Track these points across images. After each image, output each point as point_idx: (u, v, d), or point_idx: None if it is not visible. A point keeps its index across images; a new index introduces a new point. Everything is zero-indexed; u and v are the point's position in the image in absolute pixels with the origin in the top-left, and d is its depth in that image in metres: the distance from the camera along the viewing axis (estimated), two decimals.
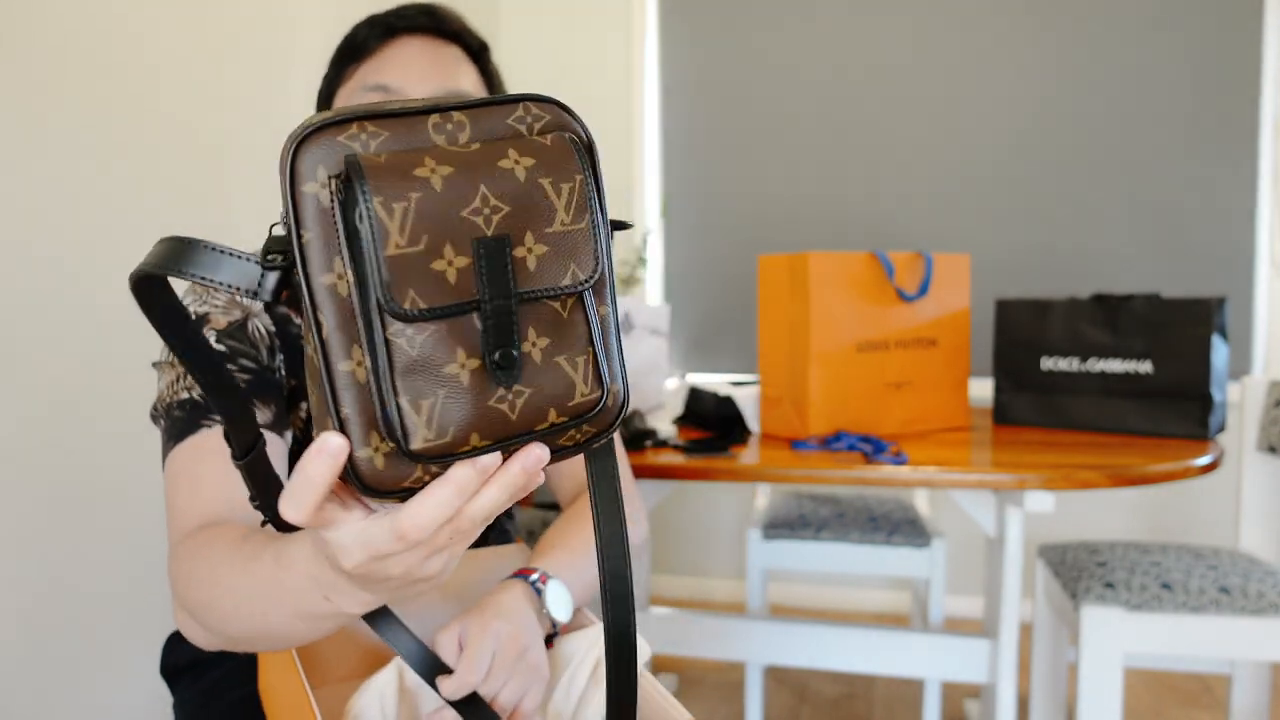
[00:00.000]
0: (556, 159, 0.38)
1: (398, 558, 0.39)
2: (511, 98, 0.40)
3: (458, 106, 0.38)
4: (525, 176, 0.37)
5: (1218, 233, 2.41)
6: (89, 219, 1.29)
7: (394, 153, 0.36)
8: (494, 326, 0.37)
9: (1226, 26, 2.38)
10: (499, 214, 0.37)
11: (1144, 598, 1.37)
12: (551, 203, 0.38)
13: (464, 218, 0.36)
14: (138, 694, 1.38)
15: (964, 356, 1.56)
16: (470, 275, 0.36)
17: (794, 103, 2.66)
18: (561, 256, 0.38)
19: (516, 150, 0.38)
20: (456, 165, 0.36)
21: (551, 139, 0.39)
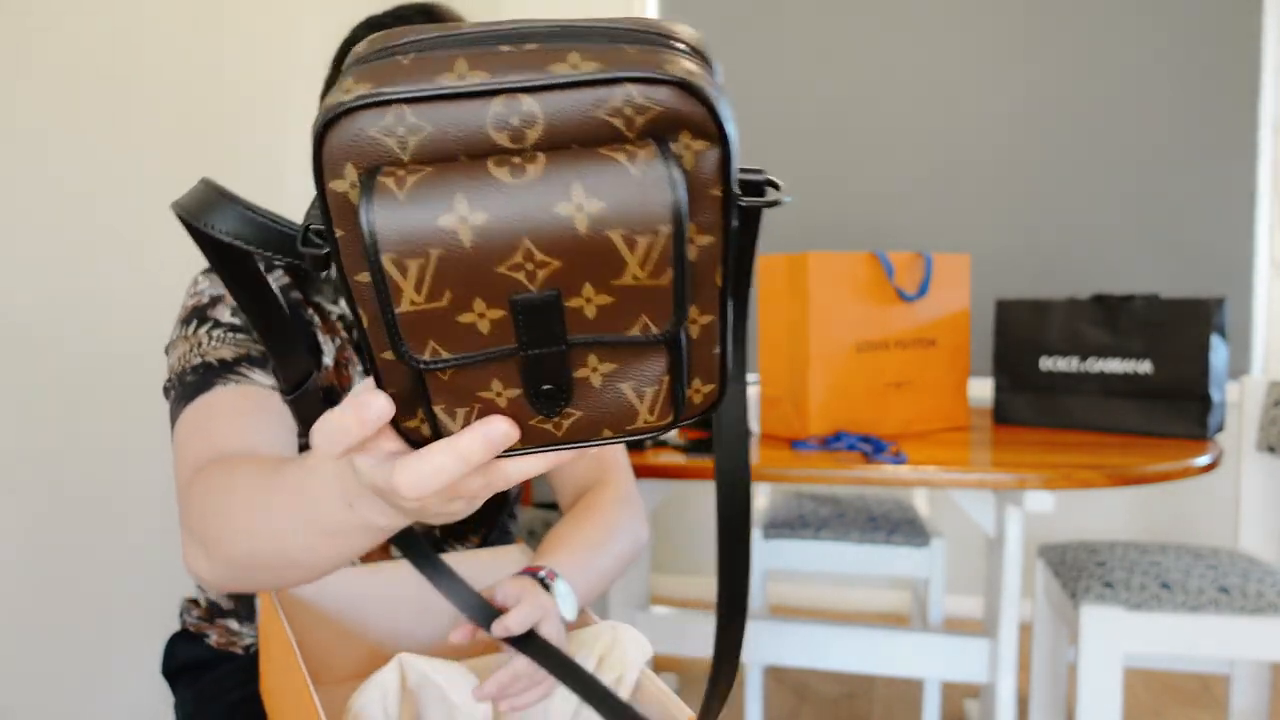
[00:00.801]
0: (638, 200, 0.29)
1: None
2: (607, 76, 0.29)
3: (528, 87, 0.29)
4: (588, 228, 0.29)
5: (1217, 233, 2.41)
6: (89, 219, 1.29)
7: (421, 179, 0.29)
8: (537, 370, 0.32)
9: (1225, 26, 2.38)
10: (546, 269, 0.30)
11: (1143, 597, 1.37)
12: (622, 258, 0.30)
13: (501, 273, 0.30)
14: (138, 694, 1.38)
15: (964, 356, 1.56)
16: (507, 327, 0.31)
17: (794, 103, 2.66)
18: (631, 308, 0.31)
19: (584, 187, 0.29)
20: (496, 210, 0.29)
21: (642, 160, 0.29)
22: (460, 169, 0.29)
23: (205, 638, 0.87)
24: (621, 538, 0.84)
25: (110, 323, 1.32)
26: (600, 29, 0.30)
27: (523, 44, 0.30)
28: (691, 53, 0.31)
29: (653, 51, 0.30)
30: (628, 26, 0.31)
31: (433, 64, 0.29)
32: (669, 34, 0.31)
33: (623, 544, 0.84)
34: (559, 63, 0.29)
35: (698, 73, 0.29)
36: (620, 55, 0.29)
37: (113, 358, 1.33)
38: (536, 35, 0.30)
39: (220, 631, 0.87)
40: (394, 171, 0.29)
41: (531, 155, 0.29)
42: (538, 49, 0.30)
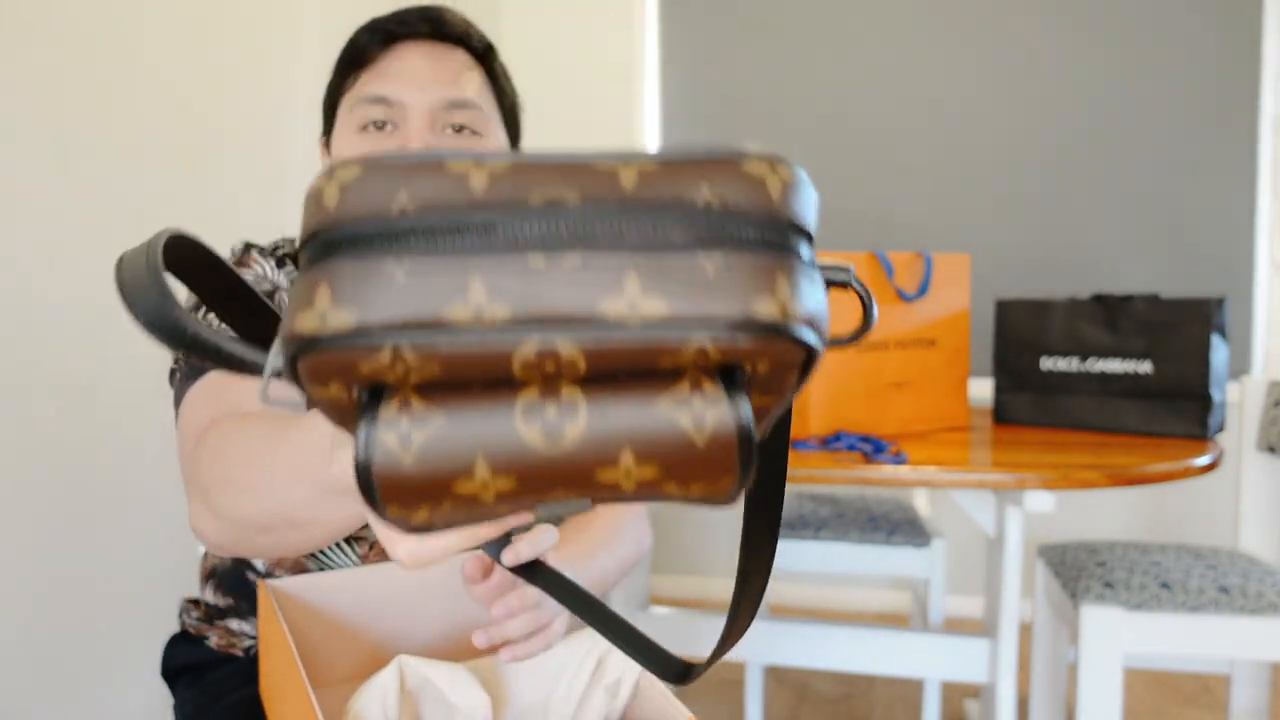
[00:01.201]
0: (698, 465, 0.24)
1: None
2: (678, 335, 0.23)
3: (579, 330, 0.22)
4: (635, 488, 0.25)
5: (1217, 232, 2.41)
6: (89, 218, 1.29)
7: (431, 439, 0.24)
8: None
9: (1226, 26, 2.38)
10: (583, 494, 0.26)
11: (1143, 597, 1.37)
12: (668, 493, 0.26)
13: (524, 503, 0.26)
14: (138, 695, 1.38)
15: (964, 356, 1.56)
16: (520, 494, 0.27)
17: (794, 103, 2.66)
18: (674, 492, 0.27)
19: (634, 454, 0.24)
20: (525, 474, 0.24)
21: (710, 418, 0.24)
22: (480, 421, 0.23)
23: (205, 640, 0.87)
24: (625, 541, 0.84)
25: (110, 322, 1.32)
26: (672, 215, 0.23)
27: (561, 253, 0.23)
28: (789, 235, 0.24)
29: (739, 270, 0.23)
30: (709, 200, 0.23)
31: (438, 286, 0.22)
32: (763, 209, 0.24)
33: (627, 547, 0.84)
34: (612, 294, 0.23)
35: (791, 298, 0.23)
36: (694, 281, 0.23)
37: (113, 358, 1.32)
38: (580, 243, 0.23)
39: (220, 633, 0.86)
40: (397, 409, 0.24)
41: (569, 404, 0.23)
42: (581, 267, 0.23)
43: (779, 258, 0.24)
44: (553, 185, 0.23)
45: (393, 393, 0.24)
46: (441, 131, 0.79)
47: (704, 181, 0.24)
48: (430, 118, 0.78)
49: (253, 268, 0.80)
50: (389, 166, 0.23)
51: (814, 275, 0.25)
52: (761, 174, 0.24)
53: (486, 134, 0.80)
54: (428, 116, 0.78)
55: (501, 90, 0.85)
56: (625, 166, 0.24)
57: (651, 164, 0.24)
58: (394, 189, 0.23)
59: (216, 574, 0.86)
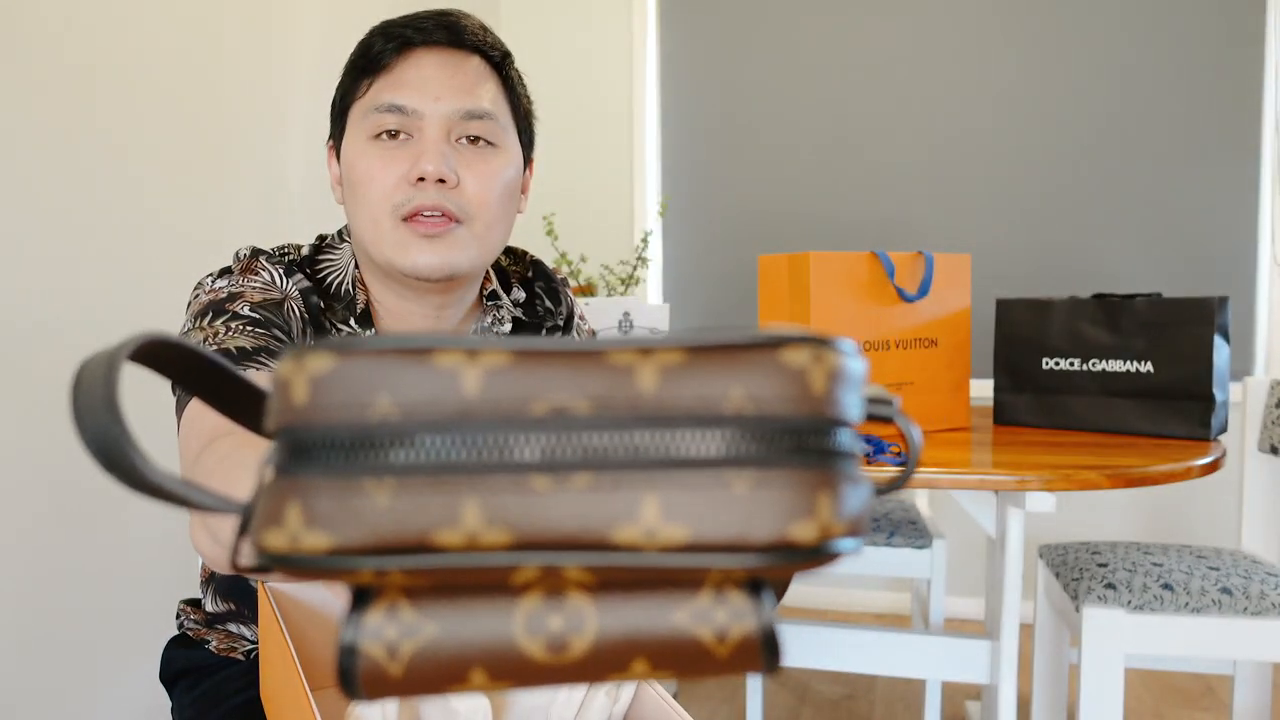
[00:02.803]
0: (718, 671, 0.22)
1: None
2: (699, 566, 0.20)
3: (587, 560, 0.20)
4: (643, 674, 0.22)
5: (1219, 232, 2.41)
6: (89, 218, 1.29)
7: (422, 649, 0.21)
8: None
9: (1228, 26, 2.38)
10: None
11: (1145, 598, 1.36)
12: None
13: None
14: (136, 700, 1.38)
15: (964, 357, 1.56)
16: None
17: (795, 103, 2.65)
18: None
19: (648, 662, 0.21)
20: (518, 685, 0.22)
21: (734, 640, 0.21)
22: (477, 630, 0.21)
23: (206, 643, 0.87)
24: None
25: (110, 323, 1.32)
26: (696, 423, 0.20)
27: (567, 473, 0.20)
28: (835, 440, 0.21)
29: (775, 492, 0.20)
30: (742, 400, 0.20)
31: (426, 511, 0.20)
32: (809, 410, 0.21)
33: None
34: (626, 523, 0.20)
35: (832, 517, 0.20)
36: (723, 503, 0.20)
37: None
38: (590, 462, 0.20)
39: (221, 637, 0.86)
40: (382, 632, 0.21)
41: (576, 616, 0.21)
42: (590, 485, 0.20)
43: (820, 470, 0.20)
44: (558, 388, 0.20)
45: (379, 594, 0.21)
46: (456, 142, 0.77)
47: (735, 379, 0.20)
48: (446, 128, 0.77)
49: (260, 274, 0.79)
50: (366, 357, 0.20)
51: (857, 474, 0.21)
52: (802, 365, 0.21)
53: (501, 145, 0.80)
54: (443, 127, 0.76)
55: (516, 98, 0.83)
56: (644, 360, 0.20)
57: (675, 356, 0.21)
58: (372, 389, 0.20)
59: (216, 579, 0.86)
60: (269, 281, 0.78)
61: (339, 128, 0.82)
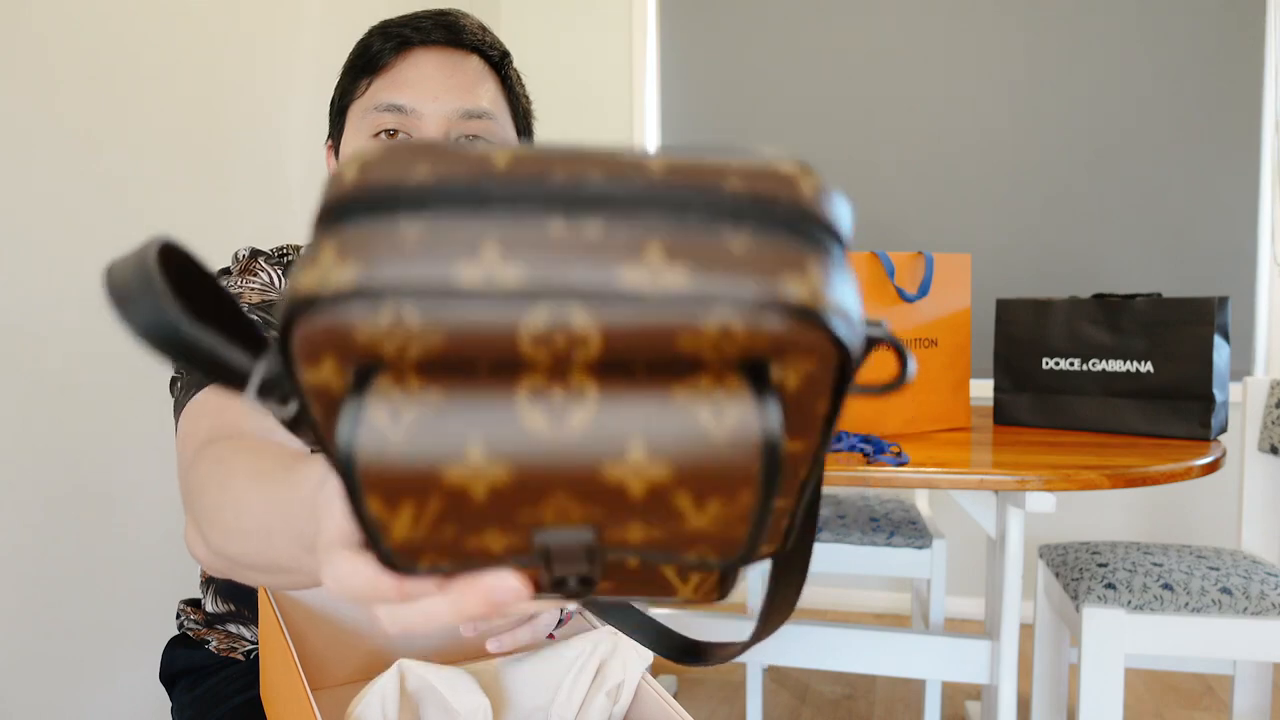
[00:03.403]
0: (715, 464, 0.22)
1: None
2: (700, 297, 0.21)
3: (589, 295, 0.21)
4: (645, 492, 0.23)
5: (1219, 232, 2.41)
6: (89, 217, 1.29)
7: (424, 415, 0.22)
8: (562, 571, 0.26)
9: (1228, 25, 2.38)
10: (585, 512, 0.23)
11: (1145, 598, 1.36)
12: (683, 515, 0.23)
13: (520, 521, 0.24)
14: (136, 699, 1.38)
15: (965, 357, 1.56)
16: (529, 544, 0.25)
17: (794, 102, 2.65)
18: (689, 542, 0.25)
19: (646, 446, 0.22)
20: (524, 462, 0.22)
21: (731, 412, 0.22)
22: (480, 398, 0.22)
23: (206, 643, 0.87)
24: None
25: (109, 323, 1.32)
26: (698, 195, 0.22)
27: (582, 219, 0.22)
28: (820, 228, 0.23)
29: (767, 248, 0.22)
30: (737, 187, 0.22)
31: (451, 243, 0.21)
32: (793, 200, 0.22)
33: None
34: (632, 261, 0.21)
35: (822, 284, 0.21)
36: (719, 253, 0.21)
37: (112, 358, 1.32)
38: (605, 202, 0.22)
39: (221, 637, 0.86)
40: (390, 387, 0.22)
41: (578, 388, 0.22)
42: (602, 234, 0.22)
43: (810, 245, 0.22)
44: (577, 164, 0.22)
45: (388, 369, 0.22)
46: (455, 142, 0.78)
47: (734, 174, 0.22)
48: (445, 128, 0.77)
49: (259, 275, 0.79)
50: (414, 147, 0.23)
51: (848, 276, 0.23)
52: (793, 173, 0.23)
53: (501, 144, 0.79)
54: (442, 126, 0.76)
55: (515, 98, 0.83)
56: (654, 158, 0.23)
57: (680, 158, 0.23)
58: (415, 162, 0.23)
59: (215, 581, 0.86)
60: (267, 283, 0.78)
61: (338, 127, 0.82)
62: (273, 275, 0.79)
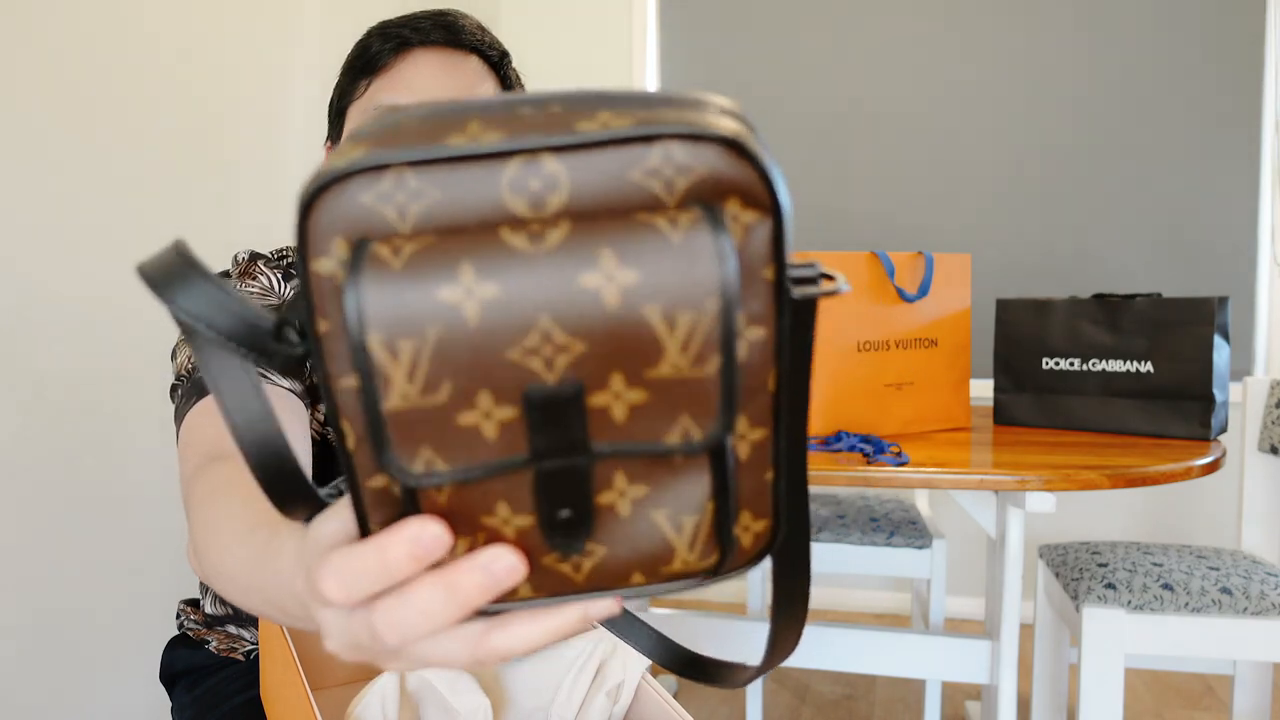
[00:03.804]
0: (678, 270, 0.25)
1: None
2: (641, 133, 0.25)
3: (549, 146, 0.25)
4: (619, 302, 0.25)
5: (1219, 232, 2.41)
6: (90, 218, 1.29)
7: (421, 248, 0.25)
8: (553, 488, 0.27)
9: (1228, 25, 2.38)
10: (568, 354, 0.25)
11: (1145, 598, 1.36)
12: (659, 341, 0.25)
13: (512, 359, 0.25)
14: (136, 699, 1.38)
15: (965, 357, 1.56)
16: (518, 430, 0.26)
17: (794, 103, 2.65)
18: (668, 406, 0.26)
19: (616, 254, 0.24)
20: (506, 281, 0.24)
21: (685, 225, 0.25)
22: (468, 236, 0.25)
23: (206, 644, 0.87)
24: None
25: (112, 322, 1.32)
26: (631, 94, 0.27)
27: (546, 106, 0.27)
28: (734, 116, 0.27)
29: (692, 109, 0.26)
30: (661, 94, 0.27)
31: (441, 124, 0.26)
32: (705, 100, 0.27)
33: None
34: (586, 120, 0.26)
35: (745, 133, 0.26)
36: (656, 114, 0.26)
37: (113, 358, 1.32)
38: (562, 99, 0.27)
39: (221, 637, 0.86)
40: (391, 240, 0.25)
41: (554, 220, 0.25)
42: (562, 110, 0.26)
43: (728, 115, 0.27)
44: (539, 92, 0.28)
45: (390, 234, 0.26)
46: None
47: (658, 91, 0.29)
48: None
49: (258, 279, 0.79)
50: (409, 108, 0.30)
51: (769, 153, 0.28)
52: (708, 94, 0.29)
53: None
54: None
55: None
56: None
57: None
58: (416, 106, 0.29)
59: None
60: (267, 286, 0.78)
61: (337, 128, 0.82)
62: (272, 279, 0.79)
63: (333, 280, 0.26)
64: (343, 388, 0.26)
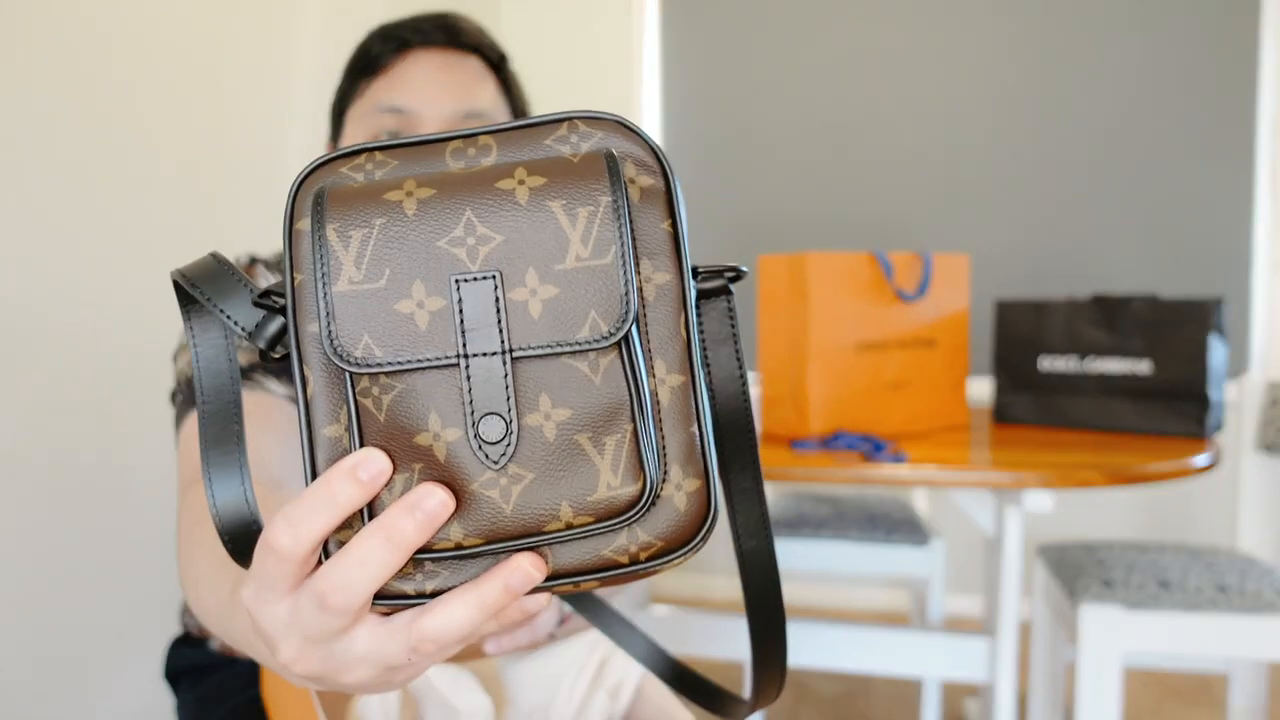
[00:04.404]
0: (576, 176, 0.30)
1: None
2: (553, 117, 0.32)
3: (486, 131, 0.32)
4: (528, 199, 0.30)
5: (1215, 233, 2.42)
6: (90, 218, 1.29)
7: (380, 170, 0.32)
8: (478, 389, 0.29)
9: (1224, 27, 2.38)
10: (488, 245, 0.29)
11: (1142, 596, 1.37)
12: (563, 232, 0.29)
13: (441, 249, 0.29)
14: (140, 697, 1.38)
15: (963, 357, 1.56)
16: (447, 322, 0.29)
17: (794, 103, 2.66)
18: (577, 300, 0.29)
19: (526, 169, 0.30)
20: (440, 186, 0.30)
21: (584, 151, 0.31)
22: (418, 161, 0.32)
23: (207, 642, 0.87)
24: None
25: (109, 323, 1.32)
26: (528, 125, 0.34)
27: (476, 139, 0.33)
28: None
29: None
30: None
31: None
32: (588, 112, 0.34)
33: None
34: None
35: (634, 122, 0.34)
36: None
37: (114, 358, 1.33)
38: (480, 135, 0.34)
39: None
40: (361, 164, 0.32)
41: (485, 149, 0.32)
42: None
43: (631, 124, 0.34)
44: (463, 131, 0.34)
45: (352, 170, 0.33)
46: None
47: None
48: (444, 129, 0.77)
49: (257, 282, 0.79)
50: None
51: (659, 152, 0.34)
52: None
53: None
54: (442, 127, 0.77)
55: (514, 99, 0.84)
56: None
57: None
58: None
59: None
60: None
61: (338, 129, 0.82)
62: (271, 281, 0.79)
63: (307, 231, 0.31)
64: (309, 333, 0.31)
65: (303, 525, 0.28)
